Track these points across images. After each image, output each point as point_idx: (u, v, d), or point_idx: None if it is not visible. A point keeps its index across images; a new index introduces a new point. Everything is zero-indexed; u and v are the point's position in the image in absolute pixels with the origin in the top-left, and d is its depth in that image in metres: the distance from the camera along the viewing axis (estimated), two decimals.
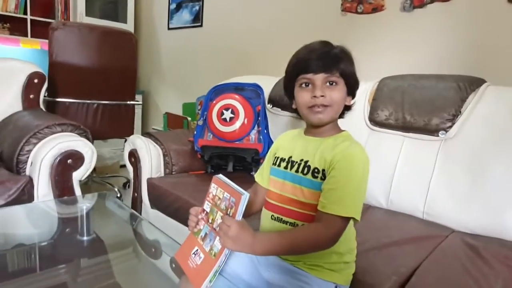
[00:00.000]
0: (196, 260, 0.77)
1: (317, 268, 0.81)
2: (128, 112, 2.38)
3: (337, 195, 0.75)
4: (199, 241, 0.79)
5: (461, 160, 1.22)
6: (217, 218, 0.75)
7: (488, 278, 0.85)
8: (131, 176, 1.74)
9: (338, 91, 0.80)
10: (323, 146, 0.82)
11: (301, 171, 0.82)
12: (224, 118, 1.61)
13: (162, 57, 3.35)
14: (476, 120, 1.24)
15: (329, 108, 0.80)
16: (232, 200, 0.71)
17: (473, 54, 1.55)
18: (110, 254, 1.23)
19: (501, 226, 1.10)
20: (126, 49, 2.29)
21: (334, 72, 0.79)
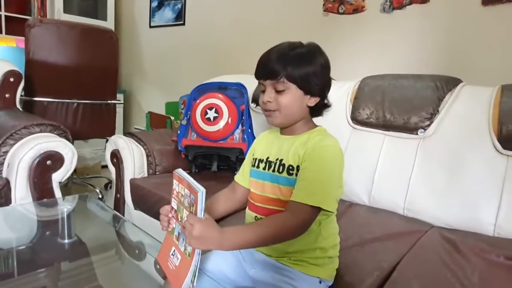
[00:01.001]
0: (174, 261, 0.75)
1: (301, 263, 0.82)
2: (110, 112, 2.34)
3: (305, 184, 0.76)
4: (174, 240, 0.77)
5: (439, 158, 1.26)
6: (184, 215, 0.73)
7: (465, 270, 0.88)
8: (113, 177, 1.71)
9: (287, 95, 0.81)
10: (297, 143, 0.84)
11: (277, 170, 0.84)
12: (208, 117, 1.61)
13: (144, 56, 3.31)
14: (452, 118, 1.28)
15: (277, 112, 0.82)
16: (192, 198, 0.70)
17: (450, 54, 1.60)
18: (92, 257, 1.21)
19: (477, 221, 1.14)
20: (107, 48, 2.24)
21: (279, 78, 0.80)
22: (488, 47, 1.50)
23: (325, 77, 0.84)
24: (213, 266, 0.87)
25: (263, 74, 0.82)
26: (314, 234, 0.82)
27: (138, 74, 3.38)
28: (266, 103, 0.82)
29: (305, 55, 0.82)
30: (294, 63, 0.80)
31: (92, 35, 2.20)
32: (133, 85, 3.45)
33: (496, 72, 1.48)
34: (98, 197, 2.34)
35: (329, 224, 0.86)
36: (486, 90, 1.29)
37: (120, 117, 3.20)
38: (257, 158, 0.91)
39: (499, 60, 1.47)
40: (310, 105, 0.84)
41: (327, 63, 0.85)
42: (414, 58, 1.70)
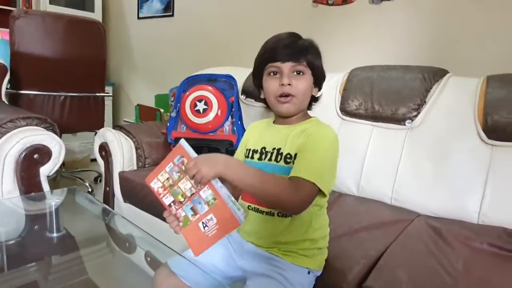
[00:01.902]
0: (211, 225, 0.72)
1: (291, 254, 0.83)
2: (98, 104, 2.31)
3: (304, 162, 0.77)
4: (195, 220, 0.74)
5: (426, 148, 1.27)
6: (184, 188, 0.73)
7: (449, 258, 0.90)
8: (102, 170, 1.70)
9: (305, 80, 0.82)
10: (294, 133, 0.84)
11: (275, 159, 0.83)
12: (198, 109, 1.60)
13: (132, 48, 3.26)
14: (439, 109, 1.30)
15: (295, 98, 0.82)
16: (178, 160, 0.71)
17: (437, 45, 1.61)
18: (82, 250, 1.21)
19: (462, 209, 1.16)
20: (94, 39, 2.21)
21: (301, 61, 0.81)
22: (475, 38, 1.51)
23: (324, 71, 0.88)
24: (204, 258, 0.86)
25: (285, 55, 0.81)
26: (305, 225, 0.83)
27: (127, 66, 3.34)
28: (285, 85, 0.81)
29: (315, 45, 0.85)
30: (312, 52, 0.83)
31: (79, 26, 2.16)
32: (121, 77, 3.41)
33: (482, 63, 1.49)
34: (88, 190, 2.32)
35: (321, 215, 0.87)
36: (472, 80, 1.31)
37: (109, 110, 3.17)
38: (250, 148, 0.90)
39: (485, 51, 1.49)
40: (314, 95, 0.87)
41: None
42: (403, 49, 1.71)
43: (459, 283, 0.79)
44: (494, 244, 0.96)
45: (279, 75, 0.82)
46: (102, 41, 2.24)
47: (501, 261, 0.91)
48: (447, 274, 0.82)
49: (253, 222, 0.86)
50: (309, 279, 0.83)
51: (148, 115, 2.46)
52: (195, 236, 0.75)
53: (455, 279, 0.80)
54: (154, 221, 1.39)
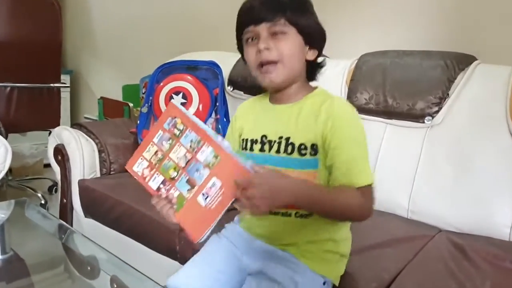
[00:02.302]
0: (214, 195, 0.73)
1: (310, 256, 0.85)
2: (52, 97, 2.31)
3: (354, 165, 0.79)
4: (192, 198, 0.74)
5: (449, 150, 1.30)
6: (177, 157, 0.73)
7: (474, 280, 0.92)
8: (58, 178, 1.70)
9: (287, 41, 0.82)
10: (303, 114, 0.84)
11: (284, 151, 0.83)
12: None
13: (95, 29, 3.25)
14: (464, 103, 1.33)
15: (279, 64, 0.82)
16: (169, 124, 0.72)
17: (462, 26, 1.64)
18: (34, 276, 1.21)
19: (490, 223, 1.19)
20: (47, 19, 2.21)
21: (277, 19, 0.80)
22: (507, 19, 1.54)
23: (321, 28, 0.87)
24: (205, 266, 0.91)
25: (256, 16, 0.82)
26: (329, 222, 0.85)
27: (88, 51, 3.33)
28: (263, 51, 0.81)
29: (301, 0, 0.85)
30: (292, 6, 0.82)
31: (27, 3, 2.16)
32: (81, 64, 3.39)
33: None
34: (40, 202, 2.31)
35: None
36: (504, 69, 1.33)
37: (66, 103, 3.15)
38: (247, 138, 0.90)
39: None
40: (309, 59, 0.86)
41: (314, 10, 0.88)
42: (421, 31, 1.73)
43: None
44: None
45: (257, 40, 0.83)
46: (56, 21, 2.24)
47: None
48: None
49: (267, 224, 0.88)
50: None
51: (114, 111, 2.46)
52: (194, 215, 0.74)
53: None
54: (121, 239, 1.40)
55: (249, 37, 0.84)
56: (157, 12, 2.78)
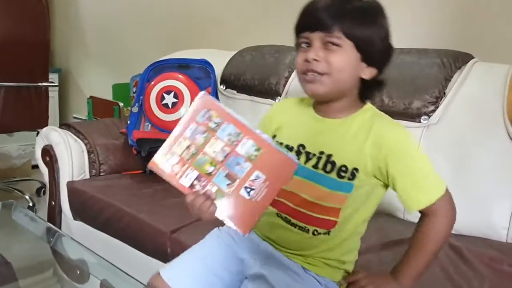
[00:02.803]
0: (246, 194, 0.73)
1: (313, 262, 0.86)
2: (40, 97, 2.30)
3: (423, 182, 0.79)
4: (234, 192, 0.72)
5: (445, 150, 1.30)
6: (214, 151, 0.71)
7: (471, 283, 0.93)
8: (46, 179, 1.69)
9: (340, 55, 0.77)
10: (350, 135, 0.81)
11: (322, 168, 0.81)
12: (165, 103, 1.60)
13: (84, 27, 3.23)
14: (461, 102, 1.33)
15: (325, 76, 0.77)
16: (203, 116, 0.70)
17: (459, 24, 1.65)
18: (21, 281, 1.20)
19: (488, 224, 1.19)
20: (34, 16, 2.19)
21: (334, 29, 0.76)
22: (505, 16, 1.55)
23: (388, 44, 0.82)
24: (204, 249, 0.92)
25: (312, 23, 0.78)
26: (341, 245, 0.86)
27: (77, 49, 3.31)
28: (311, 61, 0.77)
29: (368, 9, 0.80)
30: (356, 15, 0.78)
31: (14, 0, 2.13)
32: (70, 63, 3.37)
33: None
34: (28, 205, 2.30)
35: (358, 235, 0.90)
36: (501, 68, 1.34)
37: (54, 103, 3.13)
38: (281, 142, 0.87)
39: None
40: (364, 77, 0.81)
41: (389, 29, 0.83)
42: (418, 29, 1.74)
43: None
44: None
45: (309, 47, 0.79)
46: (44, 18, 2.23)
47: None
48: None
49: (280, 232, 0.87)
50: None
51: (103, 110, 2.44)
52: (238, 209, 0.73)
53: None
54: (111, 242, 1.39)
55: (302, 42, 0.81)
56: (148, 10, 2.77)
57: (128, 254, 1.32)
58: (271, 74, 1.71)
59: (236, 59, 1.87)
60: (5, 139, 2.73)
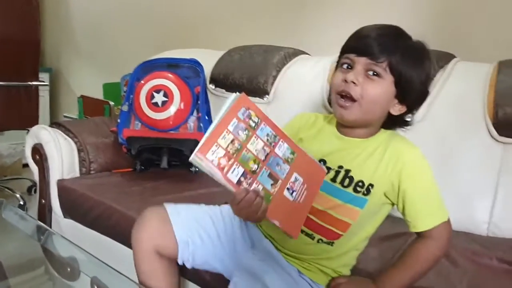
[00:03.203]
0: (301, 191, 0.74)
1: (309, 267, 0.87)
2: (30, 96, 2.27)
3: (430, 204, 0.81)
4: (278, 192, 0.71)
5: (429, 147, 1.29)
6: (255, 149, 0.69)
7: (452, 277, 0.94)
8: (36, 178, 1.67)
9: (377, 85, 0.78)
10: (366, 153, 0.83)
11: (340, 182, 0.82)
12: (155, 102, 1.59)
13: (74, 26, 3.20)
14: (444, 100, 1.35)
15: (357, 104, 0.78)
16: (244, 114, 0.68)
17: (443, 24, 1.66)
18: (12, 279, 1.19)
19: (469, 219, 1.21)
20: (24, 15, 2.17)
21: (380, 60, 0.76)
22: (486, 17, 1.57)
23: (426, 88, 0.84)
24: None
25: (361, 48, 0.78)
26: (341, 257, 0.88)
27: (68, 48, 3.28)
28: (349, 83, 0.78)
29: (419, 51, 0.81)
30: (405, 53, 0.77)
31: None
32: (61, 62, 3.34)
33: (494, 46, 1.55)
34: (19, 203, 2.28)
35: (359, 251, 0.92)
36: (482, 67, 1.36)
37: (45, 102, 3.11)
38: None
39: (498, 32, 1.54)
40: (393, 113, 0.83)
41: (430, 73, 0.85)
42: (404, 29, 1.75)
43: None
44: (505, 260, 1.01)
45: (351, 70, 0.79)
46: (34, 17, 2.21)
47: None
48: None
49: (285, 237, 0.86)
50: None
51: (94, 109, 2.42)
52: (285, 210, 0.71)
53: None
54: (101, 240, 1.38)
55: (345, 62, 0.81)
56: (138, 10, 2.76)
57: (118, 251, 1.31)
58: (259, 73, 1.71)
59: (225, 58, 1.87)
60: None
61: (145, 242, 0.93)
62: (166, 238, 0.92)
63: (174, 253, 0.93)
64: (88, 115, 2.48)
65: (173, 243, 0.92)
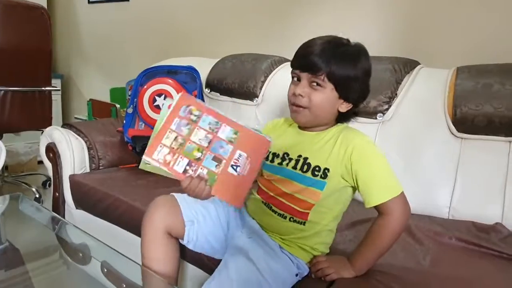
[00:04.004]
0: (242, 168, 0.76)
1: (290, 244, 0.88)
2: (44, 100, 2.24)
3: (379, 182, 0.81)
4: (223, 170, 0.74)
5: (397, 142, 1.33)
6: (198, 139, 0.72)
7: (417, 255, 0.96)
8: (50, 173, 1.65)
9: (321, 93, 0.82)
10: (322, 142, 0.86)
11: (300, 169, 0.85)
12: (157, 105, 1.59)
13: (83, 36, 3.16)
14: (410, 102, 1.36)
15: (307, 111, 0.84)
16: (184, 111, 0.70)
17: (408, 35, 1.68)
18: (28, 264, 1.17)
19: (433, 204, 1.23)
20: (37, 26, 2.12)
21: (319, 73, 0.81)
22: (445, 28, 1.59)
23: (365, 85, 0.86)
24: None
25: (303, 65, 0.83)
26: (315, 235, 0.89)
27: (77, 56, 3.24)
28: (297, 96, 0.83)
29: (352, 55, 0.83)
30: (339, 62, 0.81)
31: (18, 12, 2.07)
32: (71, 69, 3.30)
33: (453, 53, 1.57)
34: (35, 196, 2.25)
35: (331, 233, 0.93)
36: (443, 72, 1.38)
37: (58, 105, 3.07)
38: (271, 151, 0.92)
39: (456, 42, 1.57)
40: (341, 111, 0.86)
41: (370, 70, 0.87)
42: (373, 38, 1.76)
43: (425, 280, 0.84)
44: (462, 239, 1.03)
45: (298, 82, 0.85)
46: (46, 29, 2.16)
47: (468, 255, 0.98)
48: (414, 272, 0.87)
49: (264, 216, 0.91)
50: (292, 280, 0.87)
51: (102, 111, 2.40)
52: (230, 185, 0.74)
53: (422, 276, 0.86)
54: (110, 228, 1.37)
55: (294, 77, 0.86)
56: (140, 21, 2.73)
57: (125, 238, 1.31)
58: (249, 78, 1.71)
59: (219, 65, 1.86)
60: (13, 138, 2.67)
61: (157, 222, 0.94)
62: (175, 218, 0.94)
63: (181, 232, 0.95)
64: (96, 117, 2.45)
65: (181, 223, 0.94)
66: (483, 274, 0.89)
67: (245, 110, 1.72)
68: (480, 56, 1.45)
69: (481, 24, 1.50)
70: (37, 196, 2.26)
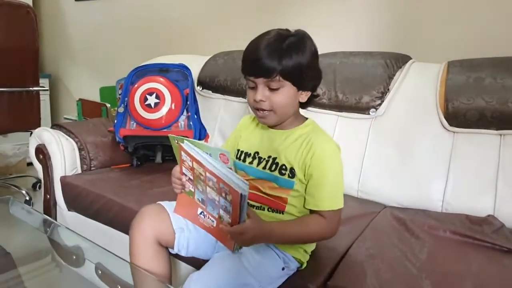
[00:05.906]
0: (209, 222, 0.84)
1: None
2: (32, 100, 2.20)
3: (327, 191, 0.82)
4: (198, 203, 0.85)
5: (391, 137, 1.35)
6: (208, 191, 0.78)
7: (413, 248, 0.97)
8: (41, 175, 1.63)
9: (281, 94, 0.82)
10: (288, 142, 0.87)
11: (269, 168, 0.88)
12: (148, 104, 1.57)
13: (71, 34, 3.12)
14: (402, 96, 1.37)
15: (272, 113, 0.84)
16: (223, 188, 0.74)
17: (400, 30, 1.69)
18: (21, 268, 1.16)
19: (427, 198, 1.24)
20: (23, 25, 2.09)
21: (273, 76, 0.80)
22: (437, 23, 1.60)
23: (316, 67, 0.86)
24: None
25: (255, 71, 0.82)
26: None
27: (65, 55, 3.20)
28: (258, 102, 0.83)
29: (297, 45, 0.82)
30: (288, 57, 0.80)
31: (3, 10, 2.03)
32: (59, 68, 3.26)
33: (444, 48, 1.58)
34: (25, 199, 2.22)
35: None
36: (434, 66, 1.39)
37: (46, 106, 3.04)
38: (242, 150, 0.93)
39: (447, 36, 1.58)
40: (302, 101, 0.87)
41: (316, 51, 0.86)
42: (364, 34, 1.77)
43: (423, 273, 0.86)
44: (456, 232, 1.05)
45: (256, 88, 0.83)
46: (32, 28, 2.13)
47: (463, 248, 0.99)
48: (411, 265, 0.89)
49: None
50: (280, 274, 0.87)
51: (92, 111, 2.37)
52: (187, 205, 0.87)
53: (419, 269, 0.87)
54: (103, 229, 1.36)
55: (250, 83, 0.85)
56: (129, 19, 2.70)
57: (119, 239, 1.30)
58: (241, 76, 1.69)
59: (211, 63, 1.85)
60: (0, 140, 2.63)
61: (147, 231, 0.91)
62: (165, 227, 0.92)
63: (171, 240, 0.93)
64: (86, 117, 2.43)
65: (171, 231, 0.92)
66: (477, 266, 0.90)
67: (237, 106, 1.72)
68: (471, 50, 1.46)
69: (472, 18, 1.51)
70: (27, 198, 2.23)
